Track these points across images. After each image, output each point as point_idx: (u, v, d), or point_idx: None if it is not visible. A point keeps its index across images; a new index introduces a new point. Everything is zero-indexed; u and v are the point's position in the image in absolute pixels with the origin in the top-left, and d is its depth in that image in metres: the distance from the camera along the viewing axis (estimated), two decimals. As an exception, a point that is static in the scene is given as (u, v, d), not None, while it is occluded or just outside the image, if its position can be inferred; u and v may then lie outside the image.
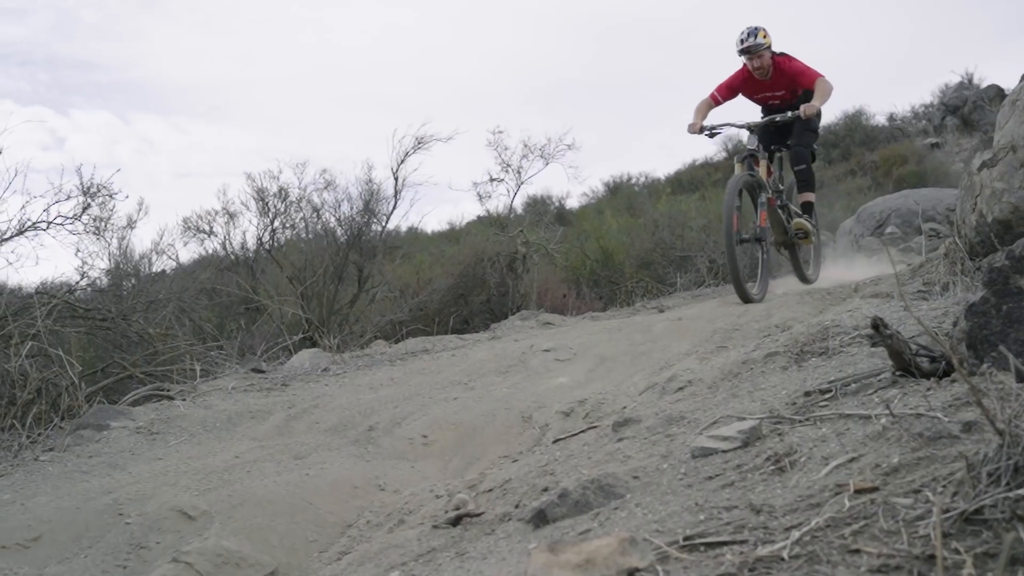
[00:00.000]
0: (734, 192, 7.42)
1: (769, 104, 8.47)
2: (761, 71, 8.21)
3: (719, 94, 8.40)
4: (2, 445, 4.69)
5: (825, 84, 7.99)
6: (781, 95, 8.38)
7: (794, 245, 8.61)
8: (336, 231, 12.47)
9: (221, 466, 3.89)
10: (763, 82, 8.33)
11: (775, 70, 8.28)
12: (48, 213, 8.02)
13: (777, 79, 8.33)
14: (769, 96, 8.44)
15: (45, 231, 8.00)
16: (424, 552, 2.23)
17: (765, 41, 8.15)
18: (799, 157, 8.32)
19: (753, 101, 8.57)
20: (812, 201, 8.66)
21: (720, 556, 1.45)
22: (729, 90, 8.42)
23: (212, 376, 6.64)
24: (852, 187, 21.59)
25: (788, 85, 8.29)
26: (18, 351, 6.00)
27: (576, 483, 2.10)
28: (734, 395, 2.82)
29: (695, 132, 8.09)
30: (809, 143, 8.33)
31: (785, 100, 8.31)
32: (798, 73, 8.20)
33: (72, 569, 2.97)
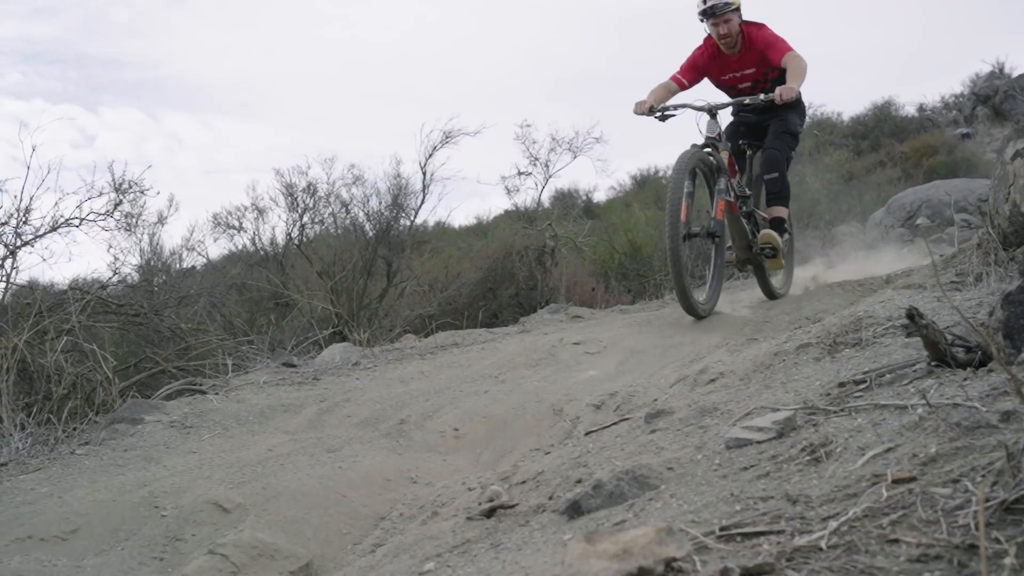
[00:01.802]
0: (684, 172, 6.08)
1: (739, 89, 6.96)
2: (728, 41, 6.70)
3: (684, 76, 6.96)
4: (38, 439, 4.74)
5: (798, 60, 6.53)
6: (751, 74, 6.88)
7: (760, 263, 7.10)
8: (365, 226, 12.51)
9: (255, 459, 3.92)
10: (730, 59, 6.84)
11: (744, 42, 6.78)
12: (81, 210, 8.09)
13: (746, 54, 6.82)
14: (738, 78, 6.93)
15: (78, 227, 8.06)
16: (459, 543, 2.24)
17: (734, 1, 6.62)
18: (772, 163, 6.89)
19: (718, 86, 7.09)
20: (784, 218, 7.10)
21: (757, 546, 1.45)
22: (693, 71, 6.96)
23: (244, 370, 6.68)
24: (882, 178, 21.42)
25: (758, 61, 6.78)
26: (53, 346, 6.06)
27: (610, 474, 2.10)
28: (767, 386, 2.81)
29: (642, 113, 6.60)
30: (786, 147, 6.98)
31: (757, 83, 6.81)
32: (768, 45, 6.67)
33: (110, 561, 3.00)
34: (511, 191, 14.32)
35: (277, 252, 12.99)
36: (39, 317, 6.36)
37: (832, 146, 24.54)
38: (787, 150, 7.01)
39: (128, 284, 9.71)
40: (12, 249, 7.62)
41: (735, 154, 7.03)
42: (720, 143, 6.58)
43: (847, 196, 18.09)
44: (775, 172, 6.91)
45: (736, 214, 6.71)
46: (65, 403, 5.55)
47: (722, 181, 6.44)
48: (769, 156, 6.94)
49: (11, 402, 5.14)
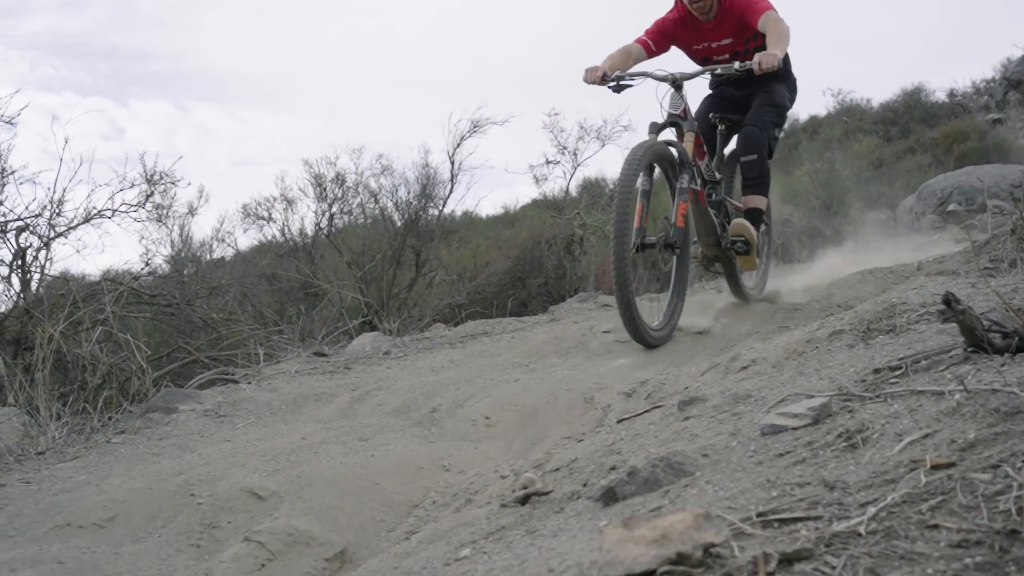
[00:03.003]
0: (637, 167, 5.08)
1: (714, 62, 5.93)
2: (701, 6, 5.81)
3: (651, 39, 6.01)
4: (74, 428, 4.79)
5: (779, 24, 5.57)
6: (728, 45, 5.95)
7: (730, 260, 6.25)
8: (393, 216, 12.54)
9: (288, 447, 3.95)
10: (704, 27, 5.96)
11: (720, 7, 5.87)
12: (113, 201, 8.17)
13: (722, 21, 5.92)
14: (713, 49, 6.02)
15: (110, 219, 8.14)
16: (494, 530, 2.26)
17: None
18: (750, 142, 5.97)
19: (691, 58, 6.18)
20: (762, 209, 6.21)
21: (795, 532, 1.44)
22: (661, 36, 6.03)
23: (275, 360, 6.73)
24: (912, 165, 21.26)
25: (736, 30, 5.88)
26: (89, 336, 6.12)
27: (645, 461, 2.10)
28: (800, 373, 2.80)
29: (592, 81, 5.70)
30: (769, 124, 6.03)
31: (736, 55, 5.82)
32: (745, 7, 5.74)
33: (147, 548, 3.03)
34: (539, 180, 14.31)
35: (306, 242, 13.05)
36: (74, 308, 6.43)
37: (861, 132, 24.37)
38: (769, 128, 6.07)
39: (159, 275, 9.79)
40: (46, 241, 7.71)
41: (704, 132, 6.12)
42: (685, 121, 5.66)
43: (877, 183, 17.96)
44: (752, 153, 6.00)
45: (703, 204, 5.86)
46: (100, 393, 5.61)
47: (684, 178, 5.47)
48: (747, 135, 6.03)
49: (47, 392, 5.20)
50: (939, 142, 23.08)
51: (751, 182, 6.13)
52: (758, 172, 6.07)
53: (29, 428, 4.70)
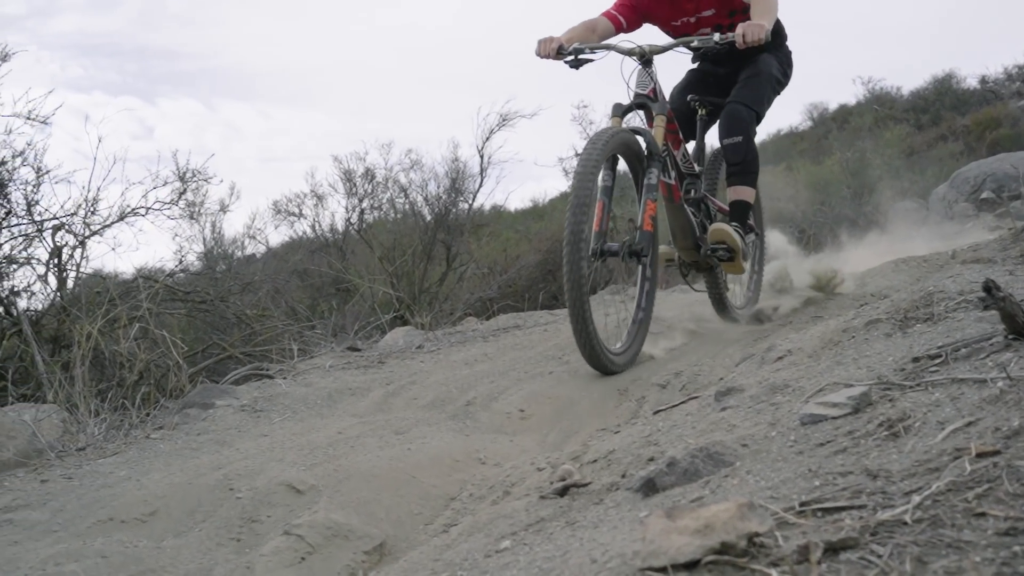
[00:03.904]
0: (596, 160, 4.35)
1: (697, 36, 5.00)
2: None
3: (620, 12, 5.22)
4: (113, 425, 4.84)
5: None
6: (711, 18, 5.17)
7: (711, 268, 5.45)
8: (423, 210, 12.58)
9: (325, 442, 3.97)
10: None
11: None
12: (146, 199, 8.25)
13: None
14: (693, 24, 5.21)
15: (144, 216, 8.22)
16: (533, 522, 2.26)
17: None
18: (734, 122, 5.17)
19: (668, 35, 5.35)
20: (748, 203, 5.37)
21: (839, 521, 1.45)
22: (631, 10, 5.24)
23: (309, 355, 6.76)
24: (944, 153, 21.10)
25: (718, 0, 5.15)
26: (126, 333, 6.18)
27: (684, 452, 2.11)
28: (838, 363, 2.79)
29: (547, 55, 4.92)
30: (757, 101, 5.22)
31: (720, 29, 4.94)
32: None
33: (188, 542, 3.06)
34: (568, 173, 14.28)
35: (337, 238, 13.11)
36: (112, 305, 6.49)
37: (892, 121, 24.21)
38: (758, 105, 5.24)
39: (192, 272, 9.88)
40: (81, 239, 7.79)
41: (680, 115, 5.34)
42: (655, 103, 4.89)
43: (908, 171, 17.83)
44: (737, 135, 5.16)
45: (678, 201, 5.12)
46: (137, 389, 5.66)
47: (653, 172, 4.72)
48: (731, 113, 5.19)
49: (86, 389, 5.26)
50: (971, 129, 22.89)
51: (736, 169, 5.30)
52: (743, 157, 5.22)
53: (69, 425, 4.75)
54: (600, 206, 4.57)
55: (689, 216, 5.23)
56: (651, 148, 4.75)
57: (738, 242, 5.15)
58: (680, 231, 5.26)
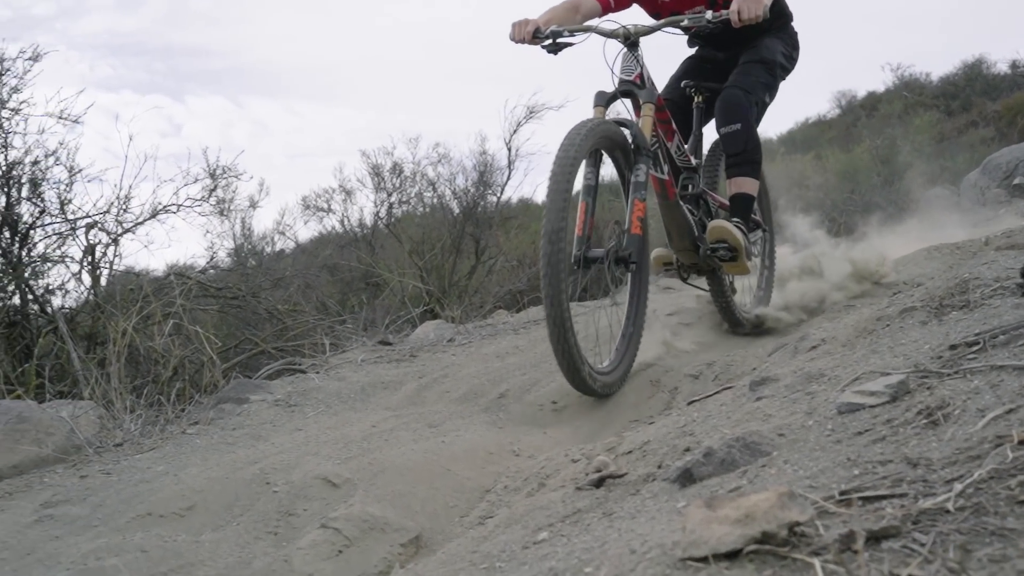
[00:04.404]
0: (575, 156, 3.89)
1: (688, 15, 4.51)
2: None
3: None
4: (149, 420, 4.88)
5: None
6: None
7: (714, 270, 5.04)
8: (451, 204, 12.61)
9: (359, 435, 4.00)
10: None
11: None
12: (178, 196, 8.31)
13: None
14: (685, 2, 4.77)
15: (175, 214, 8.28)
16: (570, 513, 2.27)
17: None
18: (732, 108, 4.75)
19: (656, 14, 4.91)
20: (751, 196, 4.93)
21: (880, 510, 1.44)
22: None
23: (341, 349, 6.79)
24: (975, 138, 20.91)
25: None
26: (161, 330, 6.24)
27: (720, 442, 2.10)
28: (873, 351, 2.77)
29: (522, 40, 4.51)
30: (757, 85, 4.81)
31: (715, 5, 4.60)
32: None
33: (226, 536, 3.09)
34: (596, 164, 14.23)
35: (366, 233, 13.16)
36: (145, 302, 6.55)
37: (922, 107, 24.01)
38: (758, 90, 4.82)
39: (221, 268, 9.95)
40: (114, 237, 7.86)
41: (675, 104, 5.00)
42: (642, 90, 4.42)
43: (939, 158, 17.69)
44: (735, 122, 4.74)
45: (672, 198, 4.70)
46: (172, 385, 5.71)
47: (641, 169, 4.24)
48: (727, 99, 4.78)
49: (122, 385, 5.31)
50: (1002, 115, 22.67)
51: (736, 160, 4.87)
52: (743, 146, 4.79)
53: (105, 421, 4.80)
54: (583, 208, 4.14)
55: (686, 214, 4.81)
56: (638, 141, 4.27)
57: (740, 240, 4.72)
58: (676, 231, 4.85)
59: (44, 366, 6.56)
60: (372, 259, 11.95)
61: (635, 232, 4.23)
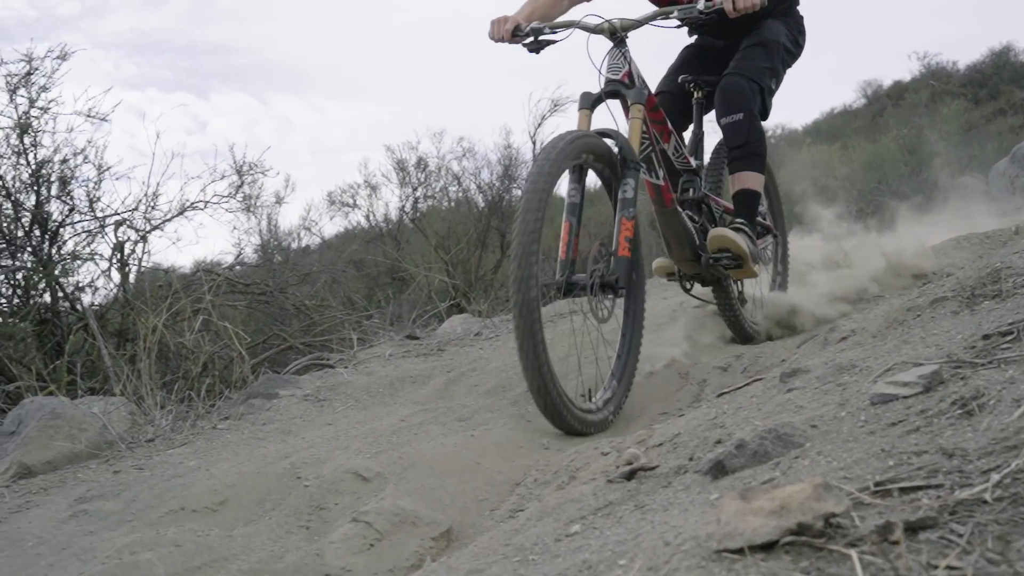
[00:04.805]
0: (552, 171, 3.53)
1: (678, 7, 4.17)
2: None
3: None
4: (179, 416, 4.92)
5: None
6: None
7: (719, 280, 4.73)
8: (477, 198, 12.64)
9: (389, 429, 4.01)
10: None
11: None
12: (205, 193, 8.37)
13: None
14: None
15: (203, 210, 8.34)
16: (602, 506, 2.27)
17: None
18: (733, 96, 4.42)
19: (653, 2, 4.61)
20: (757, 191, 4.58)
21: (916, 500, 1.44)
22: None
23: (368, 344, 6.82)
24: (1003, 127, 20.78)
25: None
26: (190, 326, 6.28)
27: (752, 433, 2.10)
28: (905, 341, 2.76)
29: (501, 39, 4.17)
30: (760, 71, 4.47)
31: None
32: None
33: (259, 530, 3.11)
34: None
35: (391, 227, 13.21)
36: (175, 298, 6.60)
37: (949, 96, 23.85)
38: (762, 76, 4.46)
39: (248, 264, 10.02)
40: (143, 234, 7.92)
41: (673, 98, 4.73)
42: (630, 89, 4.07)
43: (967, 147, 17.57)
44: (737, 112, 4.40)
45: (670, 205, 4.36)
46: (201, 381, 5.75)
47: (629, 184, 3.89)
48: (728, 87, 4.44)
49: (152, 381, 5.35)
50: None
51: (739, 153, 4.51)
52: (746, 138, 4.44)
53: (136, 417, 4.84)
54: (566, 228, 3.80)
55: (685, 222, 4.45)
56: (625, 153, 3.91)
57: (744, 247, 4.37)
58: (675, 240, 4.49)
59: (75, 363, 6.62)
60: (398, 254, 11.99)
61: (623, 255, 3.85)
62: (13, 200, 7.61)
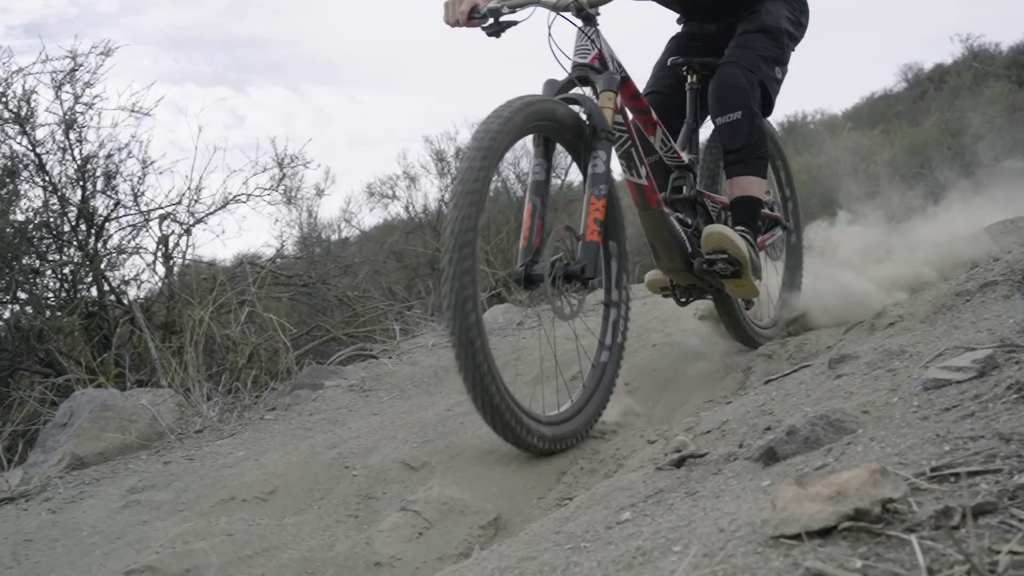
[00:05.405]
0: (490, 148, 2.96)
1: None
2: None
3: None
4: (226, 407, 4.97)
5: None
6: None
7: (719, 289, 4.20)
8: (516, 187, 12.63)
9: (434, 419, 4.03)
10: None
11: None
12: (247, 186, 8.44)
13: None
14: None
15: (245, 203, 8.41)
16: (652, 493, 2.27)
17: None
18: (729, 91, 3.93)
19: None
20: (758, 198, 4.12)
21: (974, 486, 1.43)
22: None
23: (411, 335, 6.85)
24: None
25: None
26: (236, 318, 6.35)
27: (803, 420, 2.09)
28: (955, 327, 2.74)
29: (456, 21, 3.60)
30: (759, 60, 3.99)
31: None
32: None
33: (308, 519, 3.14)
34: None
35: (431, 218, 13.24)
36: (221, 290, 6.67)
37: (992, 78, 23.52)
38: (762, 66, 3.99)
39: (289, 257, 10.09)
40: (187, 227, 8.00)
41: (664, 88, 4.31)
42: (600, 74, 3.54)
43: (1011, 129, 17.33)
44: (734, 110, 3.91)
45: (655, 207, 3.85)
46: (246, 372, 5.81)
47: (600, 157, 3.38)
48: (724, 81, 3.94)
49: (199, 373, 5.41)
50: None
51: (737, 156, 4.01)
52: (746, 140, 3.94)
53: (184, 408, 4.90)
54: (529, 210, 3.31)
55: (673, 226, 3.94)
56: (595, 121, 3.38)
57: (744, 251, 3.86)
58: (663, 248, 3.98)
59: (122, 355, 6.71)
60: (438, 244, 12.02)
61: (591, 239, 3.33)
62: (60, 195, 7.72)
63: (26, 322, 7.35)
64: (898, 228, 6.68)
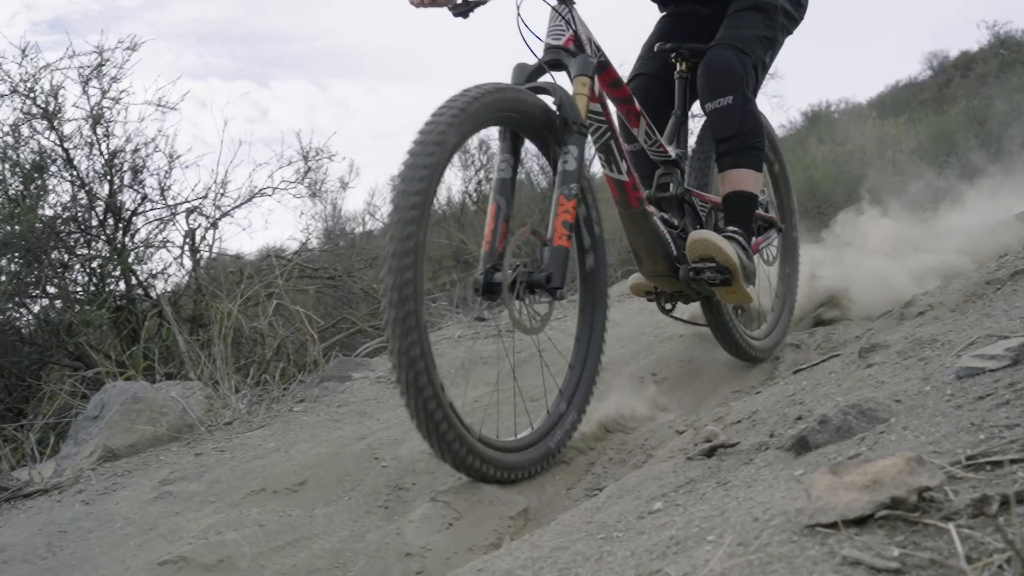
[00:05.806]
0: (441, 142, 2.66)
1: None
2: None
3: None
4: (254, 400, 5.00)
5: None
6: None
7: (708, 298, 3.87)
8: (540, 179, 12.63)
9: (462, 411, 4.03)
10: None
11: None
12: (272, 179, 8.47)
13: None
14: None
15: (271, 196, 8.46)
16: (683, 483, 2.27)
17: None
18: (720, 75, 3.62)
19: None
20: (752, 193, 3.75)
21: (1011, 474, 1.42)
22: None
23: (436, 327, 6.86)
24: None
25: None
26: (264, 310, 6.38)
27: (834, 409, 2.09)
28: (987, 315, 2.72)
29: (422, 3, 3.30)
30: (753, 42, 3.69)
31: None
32: None
33: (338, 510, 3.16)
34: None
35: (455, 210, 13.26)
36: (248, 283, 6.70)
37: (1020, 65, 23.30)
38: (756, 47, 3.69)
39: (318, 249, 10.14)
40: (213, 221, 8.05)
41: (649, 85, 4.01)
42: (574, 58, 3.19)
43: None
44: (725, 94, 3.59)
45: (637, 207, 3.55)
46: (276, 365, 5.84)
47: (570, 152, 3.05)
48: (714, 64, 3.63)
49: (227, 365, 5.44)
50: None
51: (728, 146, 3.70)
52: (737, 127, 3.63)
53: (212, 400, 4.93)
54: (492, 211, 3.04)
55: (656, 227, 3.63)
56: (566, 113, 3.05)
57: (734, 257, 3.52)
58: (645, 251, 3.68)
59: (151, 349, 6.76)
60: (462, 236, 12.03)
61: (559, 244, 3.03)
62: (87, 189, 7.78)
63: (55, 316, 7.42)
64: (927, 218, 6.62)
